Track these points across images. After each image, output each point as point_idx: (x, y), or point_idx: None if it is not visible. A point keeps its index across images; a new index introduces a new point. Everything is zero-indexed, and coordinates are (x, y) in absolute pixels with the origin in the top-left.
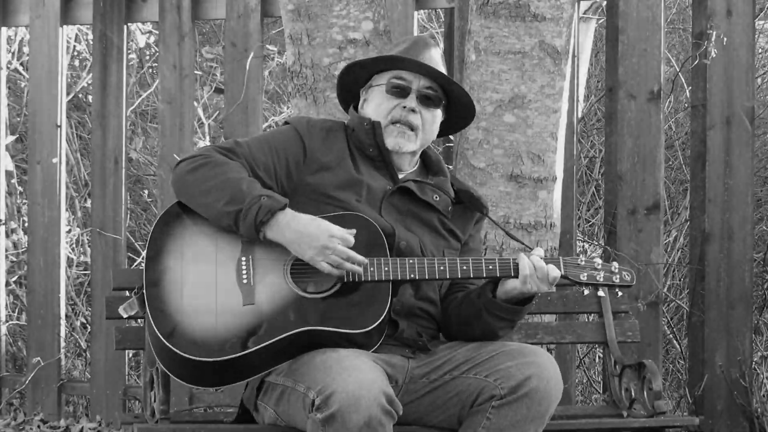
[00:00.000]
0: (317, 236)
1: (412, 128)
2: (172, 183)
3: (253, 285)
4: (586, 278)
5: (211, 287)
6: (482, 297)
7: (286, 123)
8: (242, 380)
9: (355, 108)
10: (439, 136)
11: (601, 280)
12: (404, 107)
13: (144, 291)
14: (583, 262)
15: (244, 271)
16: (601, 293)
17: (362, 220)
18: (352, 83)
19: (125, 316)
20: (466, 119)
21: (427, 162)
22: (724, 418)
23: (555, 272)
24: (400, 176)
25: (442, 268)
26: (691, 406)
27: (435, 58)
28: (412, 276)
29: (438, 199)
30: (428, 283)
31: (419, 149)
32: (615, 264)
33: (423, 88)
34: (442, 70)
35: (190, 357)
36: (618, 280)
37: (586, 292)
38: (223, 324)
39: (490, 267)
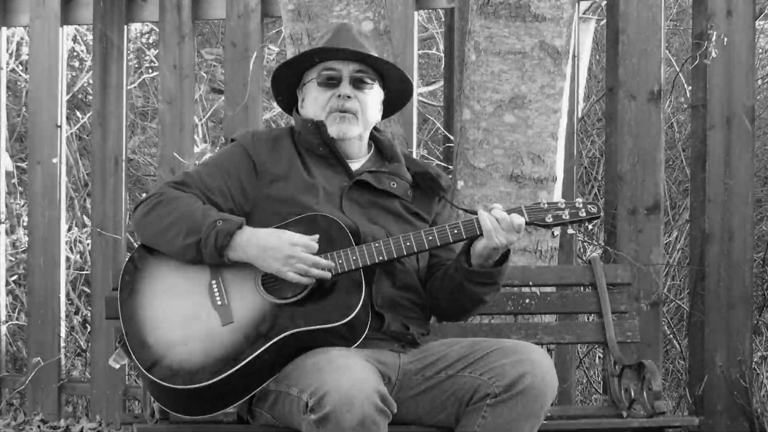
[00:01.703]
0: (279, 247)
1: (352, 113)
2: (134, 229)
3: (228, 304)
4: (552, 220)
5: (189, 317)
6: (459, 269)
7: (232, 140)
8: (238, 400)
9: (297, 110)
10: (387, 114)
11: (568, 218)
12: (339, 96)
13: (125, 337)
14: (545, 205)
15: (217, 293)
16: (570, 231)
17: (323, 218)
18: (286, 86)
19: (116, 367)
20: (405, 94)
21: (380, 149)
22: (724, 418)
23: (518, 219)
24: (354, 167)
25: (408, 243)
26: (691, 406)
27: (359, 41)
28: (380, 258)
29: (395, 185)
30: (405, 271)
31: (365, 131)
32: (579, 199)
33: (354, 72)
34: (370, 51)
35: (180, 387)
36: (585, 214)
37: (557, 232)
38: (208, 348)
39: (455, 231)
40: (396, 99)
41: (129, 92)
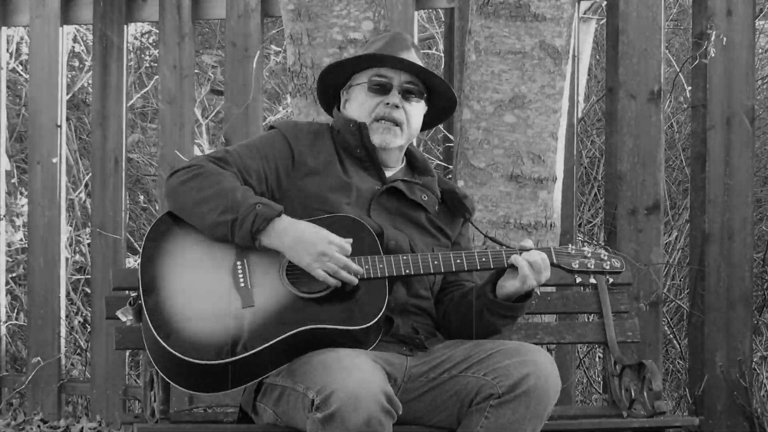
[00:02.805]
0: (315, 243)
1: (397, 123)
2: (166, 195)
3: (251, 288)
4: (577, 266)
5: (209, 292)
6: (482, 298)
7: (271, 127)
8: (244, 383)
9: (338, 109)
10: (423, 128)
11: (592, 267)
12: (387, 104)
13: (141, 301)
14: (573, 251)
15: (241, 275)
16: (592, 280)
17: (352, 221)
18: (331, 84)
19: (123, 319)
20: (449, 110)
21: (413, 162)
22: (724, 418)
23: (546, 260)
24: (388, 174)
25: (436, 262)
26: (691, 406)
27: (413, 52)
28: (407, 271)
29: (426, 198)
30: (419, 281)
31: (406, 143)
32: (603, 252)
33: (404, 83)
34: (420, 63)
35: (195, 361)
36: (608, 267)
37: (579, 279)
38: (224, 327)
39: (483, 259)
40: (436, 115)
41: (129, 93)
